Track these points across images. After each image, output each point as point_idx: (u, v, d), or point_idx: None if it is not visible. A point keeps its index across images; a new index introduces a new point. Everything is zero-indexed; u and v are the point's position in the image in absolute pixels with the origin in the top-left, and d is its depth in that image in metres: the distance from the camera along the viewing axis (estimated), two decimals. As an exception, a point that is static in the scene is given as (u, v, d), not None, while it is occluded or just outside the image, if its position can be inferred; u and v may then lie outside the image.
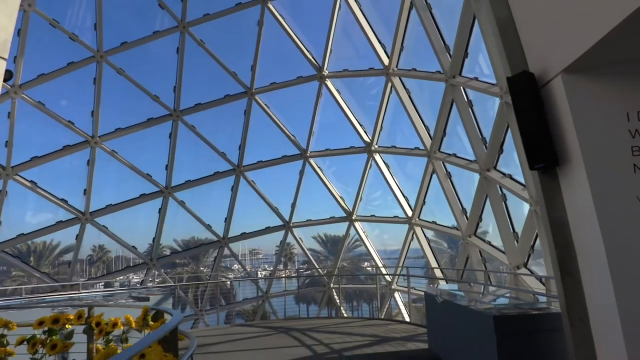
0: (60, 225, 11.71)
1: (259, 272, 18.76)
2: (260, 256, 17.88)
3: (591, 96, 3.57)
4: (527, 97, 3.94)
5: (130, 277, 15.27)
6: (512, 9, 4.29)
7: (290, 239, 14.59)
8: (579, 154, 3.55)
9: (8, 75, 7.14)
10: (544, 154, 3.83)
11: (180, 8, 11.34)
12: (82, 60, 10.94)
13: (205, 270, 21.18)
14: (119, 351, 3.58)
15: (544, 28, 3.89)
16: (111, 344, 3.74)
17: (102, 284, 13.71)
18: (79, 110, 11.39)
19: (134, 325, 3.78)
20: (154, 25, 11.63)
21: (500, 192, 9.11)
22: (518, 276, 8.53)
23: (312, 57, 12.30)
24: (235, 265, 21.82)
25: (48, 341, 3.89)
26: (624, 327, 3.25)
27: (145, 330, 3.69)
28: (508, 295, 7.36)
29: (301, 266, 23.63)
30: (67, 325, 3.96)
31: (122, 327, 3.76)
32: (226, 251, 14.17)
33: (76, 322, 3.94)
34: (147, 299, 8.56)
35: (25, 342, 3.96)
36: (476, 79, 8.79)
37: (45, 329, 3.91)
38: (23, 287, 9.62)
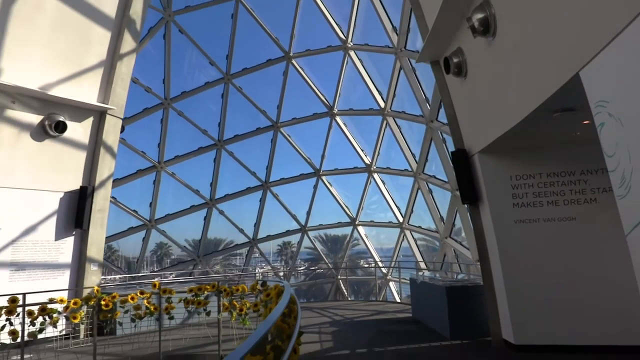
0: (131, 230, 13.57)
1: (257, 269, 20.09)
2: (257, 255, 18.84)
3: (492, 166, 6.16)
4: (461, 164, 6.54)
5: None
6: (455, 110, 6.90)
7: (306, 241, 16.03)
8: (485, 197, 6.17)
9: (122, 129, 9.70)
10: (470, 196, 6.44)
11: (225, 64, 13.40)
12: (153, 106, 12.91)
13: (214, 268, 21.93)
14: (246, 304, 6.16)
15: (472, 124, 6.50)
16: (233, 300, 6.34)
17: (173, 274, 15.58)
18: (150, 142, 13.04)
19: (247, 290, 6.38)
20: (206, 77, 13.62)
21: (466, 206, 11.30)
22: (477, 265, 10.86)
23: (325, 99, 13.98)
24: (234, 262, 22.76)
25: (195, 300, 6.47)
26: (507, 290, 5.84)
27: (254, 292, 6.28)
28: (466, 277, 9.79)
29: (303, 263, 24.96)
30: (205, 291, 6.53)
31: (240, 291, 6.33)
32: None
33: (211, 289, 6.47)
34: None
35: (181, 301, 6.55)
36: (448, 124, 11.15)
37: (193, 293, 6.50)
38: (117, 276, 12.02)
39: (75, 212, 8.64)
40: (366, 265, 18.48)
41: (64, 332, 7.53)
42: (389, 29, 11.65)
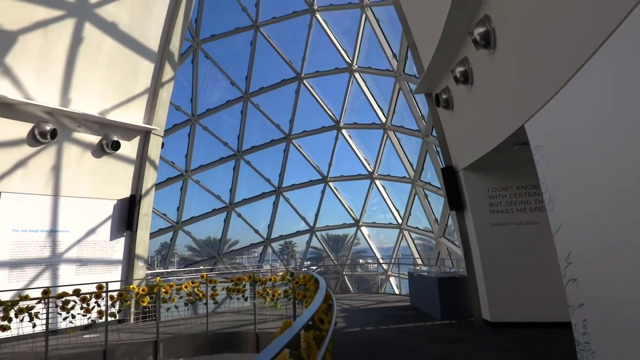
0: (161, 231, 14.63)
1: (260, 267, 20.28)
2: (255, 254, 19.23)
3: (474, 180, 7.47)
4: (449, 178, 7.86)
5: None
6: (444, 134, 8.22)
7: (315, 241, 17.12)
8: (468, 205, 7.49)
9: (162, 145, 11.00)
10: (456, 203, 7.77)
11: (244, 84, 14.60)
12: (182, 122, 14.11)
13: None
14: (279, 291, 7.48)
15: (457, 147, 7.81)
16: (267, 288, 7.66)
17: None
18: (178, 154, 14.26)
19: (277, 280, 7.70)
20: (227, 96, 14.81)
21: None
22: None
23: (332, 114, 15.14)
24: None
25: (235, 288, 7.81)
26: (485, 279, 7.16)
27: (284, 281, 7.60)
28: (456, 270, 11.05)
29: (305, 262, 25.74)
30: (243, 281, 7.86)
31: (272, 281, 7.64)
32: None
33: (247, 279, 7.81)
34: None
35: (223, 289, 7.88)
36: (440, 140, 12.39)
37: (234, 283, 7.82)
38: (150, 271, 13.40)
39: (126, 216, 9.97)
40: (367, 263, 19.40)
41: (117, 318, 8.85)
42: (390, 55, 12.97)
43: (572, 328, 4.16)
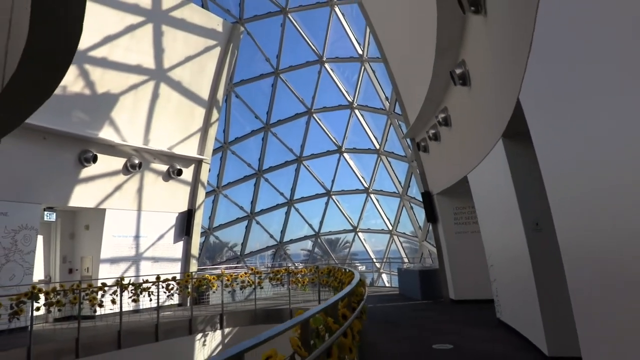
0: None
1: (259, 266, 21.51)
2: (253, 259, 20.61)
3: (445, 201, 10.27)
4: (427, 200, 10.66)
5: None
6: (424, 168, 11.05)
7: (305, 245, 20.20)
8: (440, 219, 10.30)
9: (209, 171, 13.67)
10: (432, 218, 10.58)
11: (266, 117, 17.23)
12: (216, 148, 16.17)
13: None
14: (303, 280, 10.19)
15: (433, 178, 10.63)
16: (298, 276, 10.33)
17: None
18: (212, 174, 17.07)
19: (306, 271, 10.39)
20: (252, 126, 17.43)
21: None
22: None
23: (336, 141, 17.63)
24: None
25: (275, 277, 10.49)
26: (451, 271, 9.96)
27: (311, 272, 10.28)
28: (433, 265, 13.78)
29: (300, 263, 27.43)
30: (280, 272, 10.54)
31: (302, 272, 10.32)
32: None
33: (284, 272, 10.49)
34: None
35: (267, 278, 10.56)
36: (422, 164, 15.21)
37: (274, 273, 10.51)
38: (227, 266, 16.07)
39: (184, 225, 12.61)
40: (352, 262, 21.66)
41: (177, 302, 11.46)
42: (383, 98, 15.80)
43: (493, 294, 6.97)
